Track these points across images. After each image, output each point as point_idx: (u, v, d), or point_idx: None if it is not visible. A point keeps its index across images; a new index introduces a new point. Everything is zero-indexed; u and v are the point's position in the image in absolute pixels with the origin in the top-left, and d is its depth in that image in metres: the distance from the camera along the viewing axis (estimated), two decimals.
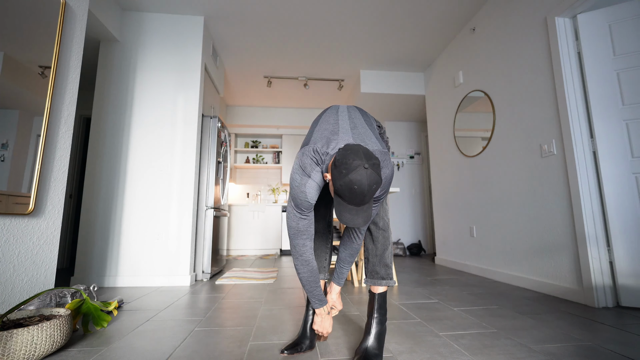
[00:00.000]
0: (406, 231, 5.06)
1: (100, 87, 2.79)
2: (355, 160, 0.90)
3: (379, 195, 1.10)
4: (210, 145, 3.04)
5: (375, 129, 1.22)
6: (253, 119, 5.46)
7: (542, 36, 2.26)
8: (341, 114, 1.24)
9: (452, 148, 3.46)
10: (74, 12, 1.84)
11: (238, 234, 4.87)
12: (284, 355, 1.19)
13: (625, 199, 1.86)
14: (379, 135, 1.22)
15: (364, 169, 0.89)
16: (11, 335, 1.07)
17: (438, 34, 3.39)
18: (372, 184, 0.90)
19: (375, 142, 1.12)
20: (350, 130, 1.15)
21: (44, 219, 1.63)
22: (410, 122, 5.36)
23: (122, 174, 2.70)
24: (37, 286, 1.60)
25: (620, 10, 1.98)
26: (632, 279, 1.81)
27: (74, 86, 1.83)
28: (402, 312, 1.75)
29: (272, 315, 1.73)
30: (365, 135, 1.14)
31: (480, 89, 2.98)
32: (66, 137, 1.77)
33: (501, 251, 2.65)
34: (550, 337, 1.37)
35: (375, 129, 1.23)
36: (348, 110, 1.26)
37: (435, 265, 3.63)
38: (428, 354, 1.20)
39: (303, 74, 4.29)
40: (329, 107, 1.31)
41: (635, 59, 1.92)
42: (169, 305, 1.95)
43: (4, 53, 1.41)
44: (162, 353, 1.24)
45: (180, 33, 2.95)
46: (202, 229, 2.91)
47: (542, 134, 2.25)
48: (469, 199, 3.14)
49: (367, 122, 1.22)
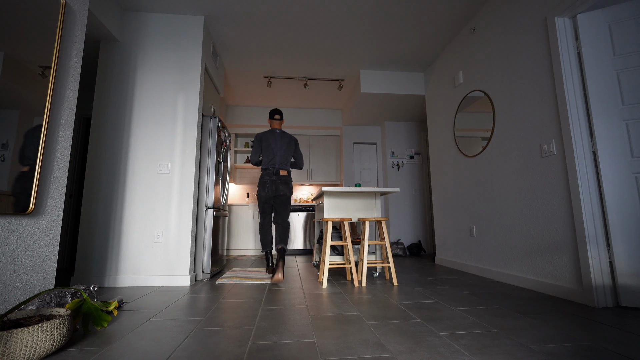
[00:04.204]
0: (406, 231, 5.06)
1: (100, 87, 2.79)
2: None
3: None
4: (210, 145, 3.04)
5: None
6: (253, 119, 5.46)
7: (542, 36, 2.26)
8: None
9: (452, 148, 3.46)
10: (74, 12, 1.84)
11: (238, 234, 4.87)
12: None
13: (625, 199, 1.86)
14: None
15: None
16: (11, 335, 1.07)
17: (438, 34, 3.39)
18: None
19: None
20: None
21: (44, 219, 1.63)
22: (410, 122, 5.36)
23: (122, 174, 2.70)
24: (37, 286, 1.60)
25: (620, 10, 1.98)
26: (632, 279, 1.81)
27: (74, 86, 1.83)
28: (402, 312, 1.75)
29: (272, 315, 1.73)
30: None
31: (480, 89, 2.98)
32: (66, 137, 1.77)
33: (501, 251, 2.65)
34: (550, 337, 1.37)
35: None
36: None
37: (435, 265, 3.63)
38: (428, 354, 1.20)
39: (303, 74, 4.29)
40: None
41: (635, 59, 1.92)
42: (169, 305, 1.95)
43: (4, 53, 1.41)
44: (162, 353, 1.24)
45: (180, 33, 2.95)
46: (202, 229, 2.91)
47: (542, 134, 2.25)
48: (469, 199, 3.14)
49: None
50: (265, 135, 3.14)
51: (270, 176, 3.03)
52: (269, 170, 3.05)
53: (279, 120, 3.22)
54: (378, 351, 1.23)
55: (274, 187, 3.03)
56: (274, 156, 3.07)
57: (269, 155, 3.08)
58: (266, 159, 3.08)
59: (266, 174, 3.05)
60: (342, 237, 3.21)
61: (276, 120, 3.22)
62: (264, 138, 3.13)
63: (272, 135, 3.14)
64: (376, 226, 3.38)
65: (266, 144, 3.10)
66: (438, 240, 3.75)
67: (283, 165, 3.09)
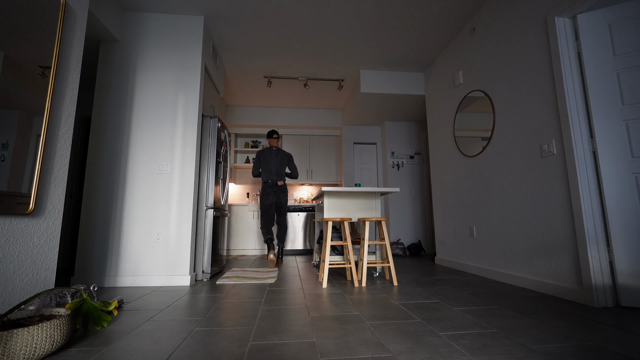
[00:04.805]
0: (406, 231, 5.06)
1: (100, 87, 2.79)
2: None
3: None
4: (210, 145, 3.04)
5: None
6: (253, 119, 5.46)
7: (542, 36, 2.26)
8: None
9: (452, 148, 3.46)
10: (74, 12, 1.84)
11: (238, 234, 4.87)
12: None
13: (625, 199, 1.86)
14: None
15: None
16: (11, 335, 1.07)
17: (438, 34, 3.39)
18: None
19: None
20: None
21: (44, 219, 1.63)
22: (410, 122, 5.36)
23: (122, 174, 2.70)
24: (37, 286, 1.60)
25: (620, 10, 1.98)
26: (632, 279, 1.81)
27: (74, 86, 1.83)
28: (402, 312, 1.75)
29: (272, 315, 1.73)
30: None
31: (480, 89, 2.98)
32: (66, 137, 1.77)
33: (501, 251, 2.65)
34: (550, 337, 1.37)
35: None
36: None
37: (435, 265, 3.63)
38: (428, 354, 1.20)
39: (303, 74, 4.29)
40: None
41: (635, 59, 1.92)
42: (169, 305, 1.95)
43: (4, 53, 1.41)
44: (162, 353, 1.24)
45: (180, 33, 2.95)
46: (202, 229, 2.91)
47: (542, 134, 2.25)
48: (469, 199, 3.14)
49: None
50: (264, 153, 3.84)
51: (272, 188, 3.76)
52: (269, 183, 3.76)
53: (276, 139, 3.90)
54: (378, 351, 1.23)
55: (275, 196, 3.77)
56: (271, 171, 3.79)
57: (267, 170, 3.79)
58: (266, 172, 3.79)
59: (267, 187, 3.76)
60: (342, 237, 3.21)
61: (274, 139, 3.89)
62: (263, 155, 3.83)
63: (269, 153, 3.84)
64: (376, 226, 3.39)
65: (264, 160, 3.80)
66: (438, 240, 3.75)
67: (279, 177, 3.82)
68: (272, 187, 3.75)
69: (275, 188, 3.76)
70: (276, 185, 3.76)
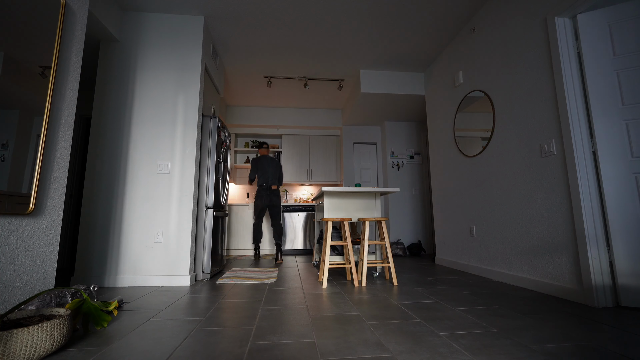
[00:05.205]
0: (406, 231, 5.06)
1: (100, 87, 2.79)
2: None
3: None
4: (210, 145, 3.04)
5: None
6: (253, 119, 5.46)
7: (542, 36, 2.26)
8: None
9: (452, 148, 3.46)
10: (74, 12, 1.84)
11: (238, 234, 4.87)
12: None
13: (625, 199, 1.86)
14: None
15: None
16: (11, 335, 1.07)
17: (438, 34, 3.39)
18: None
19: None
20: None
21: (44, 219, 1.63)
22: (410, 122, 5.36)
23: (122, 174, 2.70)
24: (37, 286, 1.60)
25: (620, 10, 1.98)
26: (632, 279, 1.81)
27: (74, 86, 1.83)
28: (402, 312, 1.75)
29: (272, 315, 1.73)
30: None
31: (480, 89, 2.98)
32: (66, 137, 1.77)
33: (501, 251, 2.65)
34: (550, 337, 1.37)
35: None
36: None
37: (435, 265, 3.63)
38: (428, 354, 1.20)
39: (303, 74, 4.29)
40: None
41: (635, 59, 1.92)
42: (169, 305, 1.95)
43: (4, 53, 1.41)
44: (162, 353, 1.24)
45: (180, 33, 2.95)
46: (202, 229, 2.91)
47: (542, 133, 2.25)
48: (468, 199, 3.14)
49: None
50: (260, 160, 4.25)
51: (266, 191, 4.16)
52: (263, 187, 4.17)
53: (266, 148, 4.39)
54: (378, 351, 1.23)
55: (269, 199, 4.15)
56: (267, 176, 4.18)
57: (263, 175, 4.19)
58: (262, 177, 4.19)
59: (262, 190, 4.17)
60: (342, 237, 3.21)
61: (265, 149, 4.38)
62: (260, 162, 4.23)
63: (266, 160, 4.26)
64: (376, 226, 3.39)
65: (261, 166, 4.22)
66: (438, 240, 3.75)
67: (274, 181, 4.22)
68: (267, 190, 4.15)
69: (269, 191, 4.16)
70: (270, 189, 4.17)
